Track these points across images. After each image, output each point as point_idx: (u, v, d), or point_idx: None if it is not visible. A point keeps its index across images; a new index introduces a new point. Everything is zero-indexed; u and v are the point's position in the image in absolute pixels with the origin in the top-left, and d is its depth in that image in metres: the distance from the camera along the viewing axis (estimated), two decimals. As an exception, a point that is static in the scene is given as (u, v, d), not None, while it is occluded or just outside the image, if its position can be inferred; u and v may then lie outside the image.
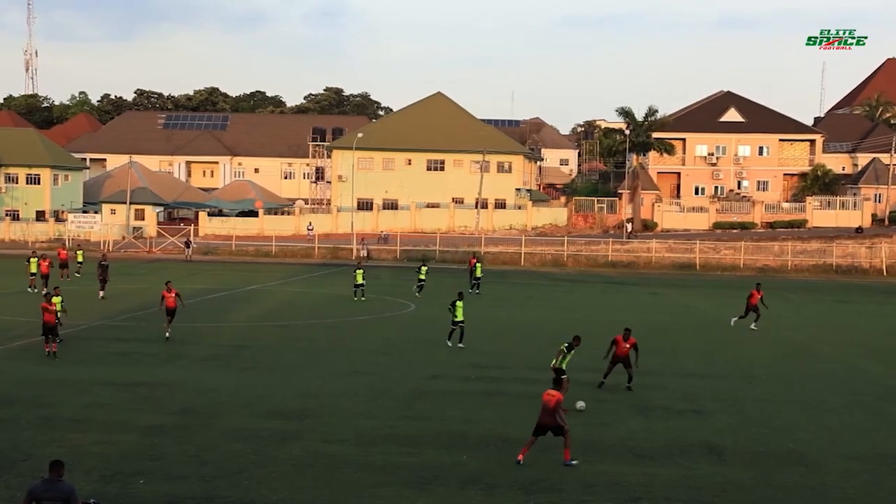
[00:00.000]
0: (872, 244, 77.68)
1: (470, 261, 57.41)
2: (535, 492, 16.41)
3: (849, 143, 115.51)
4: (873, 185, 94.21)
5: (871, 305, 52.77)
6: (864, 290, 61.83)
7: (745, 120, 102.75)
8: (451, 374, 27.40)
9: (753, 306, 39.04)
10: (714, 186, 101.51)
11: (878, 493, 17.07)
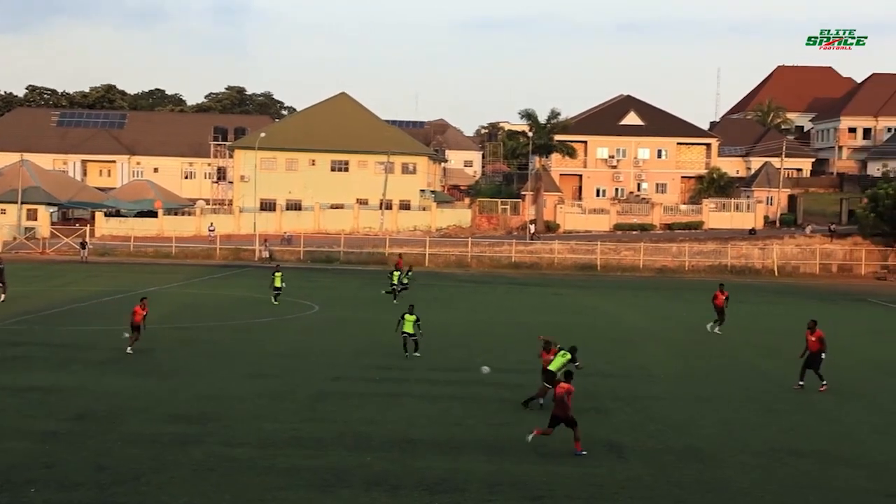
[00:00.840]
0: (765, 245, 79.89)
1: (398, 262, 57.03)
2: (439, 492, 16.44)
3: (742, 147, 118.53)
4: (765, 188, 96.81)
5: (763, 305, 54.25)
6: (757, 290, 63.55)
7: (644, 123, 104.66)
8: (354, 376, 27.28)
9: (720, 308, 38.80)
10: (615, 188, 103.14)
11: (770, 486, 17.58)
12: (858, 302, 57.30)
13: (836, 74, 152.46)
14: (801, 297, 59.11)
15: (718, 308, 39.03)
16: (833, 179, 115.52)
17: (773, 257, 78.08)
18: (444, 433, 20.64)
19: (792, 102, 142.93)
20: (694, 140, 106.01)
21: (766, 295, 60.83)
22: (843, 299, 58.11)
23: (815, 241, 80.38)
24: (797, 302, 55.31)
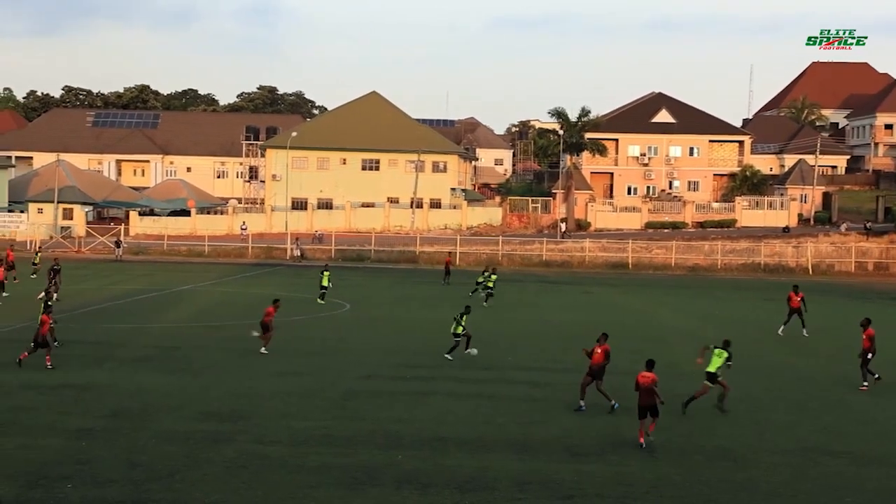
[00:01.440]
0: (799, 244, 79.29)
1: (446, 260, 60.37)
2: (469, 490, 16.47)
3: (776, 145, 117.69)
4: (799, 186, 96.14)
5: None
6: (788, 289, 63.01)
7: (675, 121, 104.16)
8: (384, 375, 27.36)
9: (796, 309, 38.35)
10: (646, 186, 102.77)
11: (802, 485, 17.46)
12: (895, 300, 56.73)
13: (872, 70, 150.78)
14: (836, 295, 58.57)
15: (794, 309, 38.32)
16: (869, 177, 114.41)
17: (808, 255, 77.45)
18: (473, 432, 20.67)
19: (826, 99, 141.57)
20: (726, 137, 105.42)
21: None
22: (880, 298, 57.53)
23: (851, 239, 79.68)
24: (832, 300, 54.80)
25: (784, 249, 79.17)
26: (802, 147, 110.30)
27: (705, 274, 73.72)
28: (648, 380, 20.24)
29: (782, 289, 61.75)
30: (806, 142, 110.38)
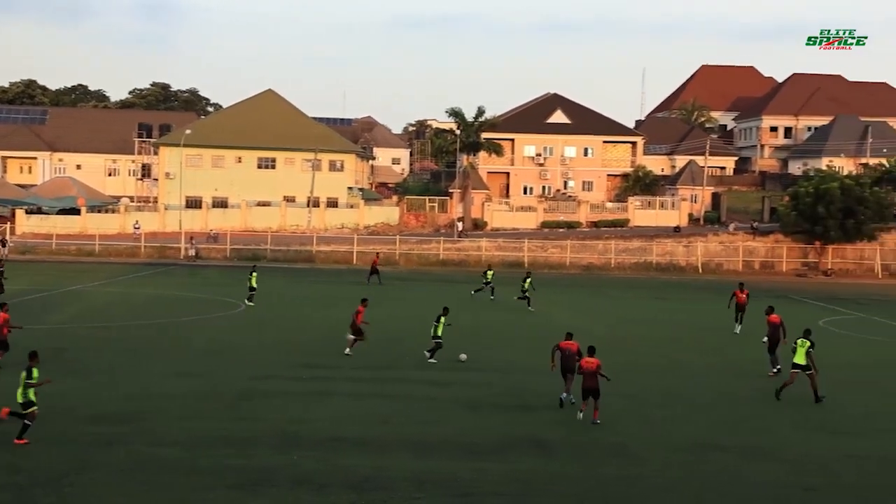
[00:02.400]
0: (689, 243, 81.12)
1: (374, 260, 60.74)
2: (366, 490, 16.43)
3: (667, 146, 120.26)
4: (689, 186, 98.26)
5: (688, 302, 55.19)
6: (682, 287, 64.58)
7: (570, 122, 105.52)
8: (281, 375, 27.10)
9: (742, 306, 39.61)
10: (542, 186, 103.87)
11: (692, 481, 17.88)
12: (780, 298, 58.50)
13: (758, 74, 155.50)
14: (724, 293, 60.12)
15: (740, 305, 39.80)
16: (755, 177, 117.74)
17: (698, 254, 79.37)
18: (371, 431, 20.62)
19: (715, 101, 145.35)
20: (620, 138, 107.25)
21: (690, 292, 61.83)
22: (766, 296, 59.25)
23: (738, 239, 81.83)
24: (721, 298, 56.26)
25: (675, 249, 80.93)
26: (692, 148, 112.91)
27: (599, 273, 74.95)
28: (593, 365, 21.87)
29: (673, 287, 63.31)
30: (696, 143, 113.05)
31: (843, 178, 78.87)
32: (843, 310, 52.36)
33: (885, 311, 51.69)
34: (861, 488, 17.88)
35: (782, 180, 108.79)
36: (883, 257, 79.03)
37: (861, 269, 79.02)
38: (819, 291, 62.44)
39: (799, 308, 53.65)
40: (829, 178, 78.07)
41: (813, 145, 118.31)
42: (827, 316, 48.15)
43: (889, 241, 79.91)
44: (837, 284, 71.06)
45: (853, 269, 79.03)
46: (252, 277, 45.53)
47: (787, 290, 64.02)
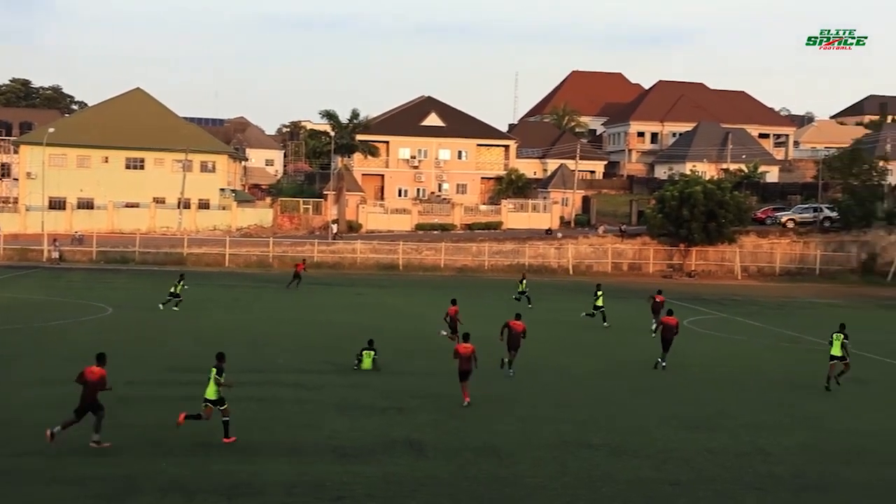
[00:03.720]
0: (560, 245, 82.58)
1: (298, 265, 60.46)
2: (237, 496, 16.19)
3: (539, 150, 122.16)
4: (561, 190, 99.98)
5: (560, 302, 56.15)
6: (553, 288, 65.68)
7: (445, 125, 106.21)
8: (149, 380, 26.48)
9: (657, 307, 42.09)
10: (416, 189, 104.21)
11: (563, 479, 18.20)
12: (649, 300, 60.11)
13: (625, 80, 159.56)
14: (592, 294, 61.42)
15: (656, 307, 42.39)
16: (624, 181, 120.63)
17: (569, 256, 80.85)
18: (242, 436, 20.30)
19: (585, 106, 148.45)
20: (493, 142, 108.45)
21: (561, 292, 62.94)
22: (633, 297, 60.81)
23: (608, 241, 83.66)
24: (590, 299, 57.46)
25: (547, 251, 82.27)
26: (564, 152, 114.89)
27: (473, 274, 75.62)
28: (469, 350, 24.34)
29: (546, 289, 64.32)
30: (567, 147, 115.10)
31: (706, 183, 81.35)
32: (706, 310, 54.14)
33: (744, 311, 53.66)
34: (722, 481, 18.50)
35: (649, 184, 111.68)
36: (742, 259, 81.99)
37: (722, 271, 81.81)
38: (683, 292, 64.36)
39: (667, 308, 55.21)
40: (693, 183, 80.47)
41: (677, 150, 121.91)
42: (691, 316, 49.67)
43: (747, 243, 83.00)
44: (701, 285, 73.42)
45: (715, 271, 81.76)
46: (178, 285, 44.91)
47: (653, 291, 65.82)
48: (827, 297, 66.03)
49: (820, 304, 61.37)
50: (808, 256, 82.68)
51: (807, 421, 24.60)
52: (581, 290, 63.93)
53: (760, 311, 52.78)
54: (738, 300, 61.37)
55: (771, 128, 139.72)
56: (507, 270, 77.82)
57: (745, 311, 53.99)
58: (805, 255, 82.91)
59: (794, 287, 73.39)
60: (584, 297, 54.66)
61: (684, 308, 54.02)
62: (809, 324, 48.07)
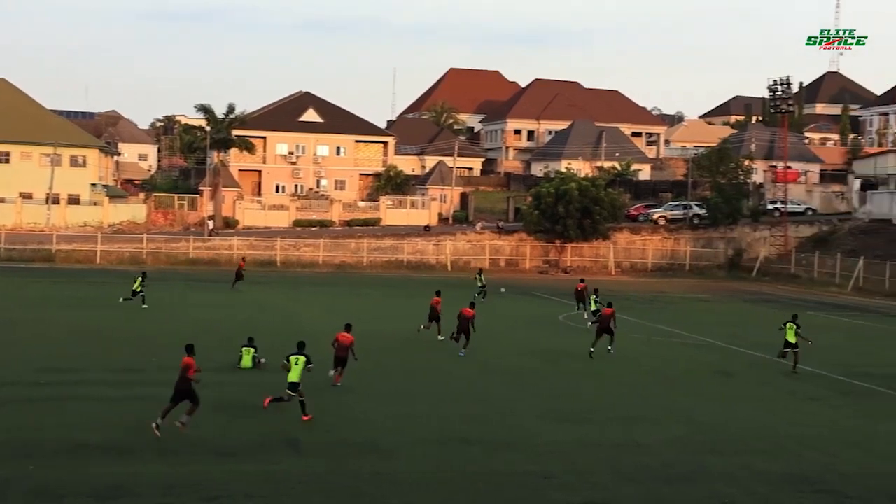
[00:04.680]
0: (438, 241, 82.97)
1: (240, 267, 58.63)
2: (110, 498, 15.87)
3: (417, 146, 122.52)
4: (439, 186, 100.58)
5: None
6: (433, 285, 66.01)
7: (323, 121, 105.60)
8: (17, 381, 25.60)
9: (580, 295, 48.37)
10: (294, 185, 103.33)
11: (441, 474, 18.40)
12: (524, 295, 61.00)
13: (502, 78, 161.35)
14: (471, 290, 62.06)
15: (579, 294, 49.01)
16: (501, 178, 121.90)
17: (447, 253, 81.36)
18: (118, 436, 19.90)
19: (463, 104, 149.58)
20: (372, 138, 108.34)
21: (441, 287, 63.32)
22: (511, 293, 61.65)
23: (486, 238, 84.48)
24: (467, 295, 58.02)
25: (425, 247, 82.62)
26: (442, 149, 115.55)
27: (352, 271, 75.45)
28: (348, 340, 25.99)
29: (425, 285, 64.53)
30: (445, 144, 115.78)
31: (581, 180, 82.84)
32: (581, 305, 55.27)
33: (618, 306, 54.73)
34: (596, 473, 19.00)
35: (526, 181, 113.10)
36: (616, 255, 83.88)
37: (597, 267, 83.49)
38: (559, 288, 65.45)
39: (540, 304, 56.14)
40: (568, 180, 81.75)
41: (553, 148, 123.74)
42: (567, 311, 50.62)
43: (621, 239, 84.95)
44: (576, 281, 74.82)
45: (590, 267, 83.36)
46: (138, 281, 45.15)
47: (530, 286, 66.81)
48: (696, 291, 68.08)
49: (689, 298, 63.28)
50: (678, 252, 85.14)
51: (678, 413, 25.42)
52: (459, 285, 64.49)
53: (632, 306, 54.10)
54: (611, 296, 62.60)
55: (643, 126, 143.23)
56: (386, 267, 77.89)
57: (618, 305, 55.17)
58: (676, 251, 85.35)
59: (665, 282, 75.41)
60: (463, 292, 55.02)
61: (560, 304, 55.01)
62: (680, 318, 49.59)
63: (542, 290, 63.87)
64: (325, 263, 77.50)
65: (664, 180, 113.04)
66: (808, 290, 72.13)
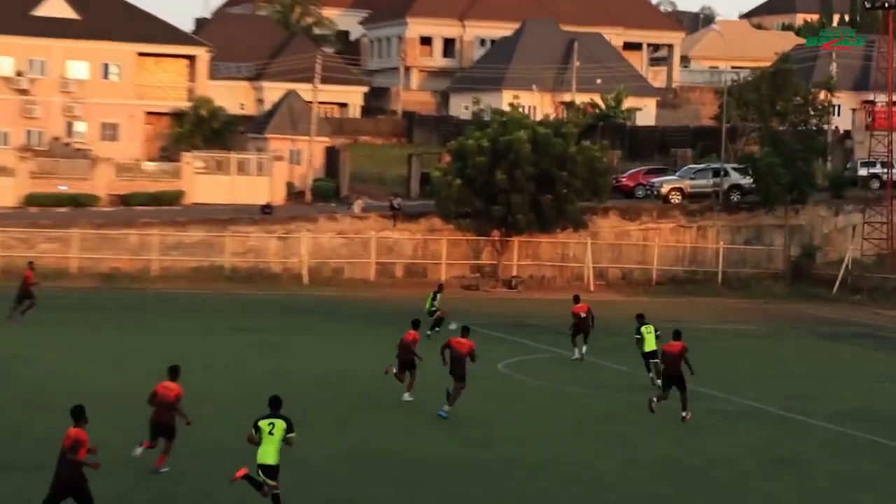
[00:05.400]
0: (288, 234, 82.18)
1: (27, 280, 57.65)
2: None
3: (250, 66, 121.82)
4: (289, 136, 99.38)
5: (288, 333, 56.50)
6: (278, 311, 65.95)
7: (79, 17, 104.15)
8: None
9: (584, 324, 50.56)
10: (26, 131, 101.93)
11: None
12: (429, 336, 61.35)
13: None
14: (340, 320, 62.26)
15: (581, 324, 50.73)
16: (397, 123, 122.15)
17: (302, 254, 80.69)
18: None
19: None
20: (168, 49, 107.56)
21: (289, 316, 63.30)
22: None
23: (371, 226, 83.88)
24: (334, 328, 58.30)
25: (264, 244, 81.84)
26: (294, 70, 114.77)
27: (132, 286, 74.49)
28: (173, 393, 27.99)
29: (263, 312, 64.48)
30: (299, 62, 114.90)
31: (536, 125, 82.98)
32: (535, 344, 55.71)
33: (603, 346, 55.07)
34: None
35: (440, 127, 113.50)
36: (596, 256, 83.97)
37: (564, 277, 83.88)
38: (500, 314, 65.78)
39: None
40: (515, 125, 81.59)
41: (488, 70, 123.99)
42: (510, 357, 51.04)
43: (605, 228, 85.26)
44: (528, 302, 75.30)
45: (552, 277, 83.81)
46: None
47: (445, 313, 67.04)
48: (736, 319, 69.18)
49: (725, 332, 64.31)
50: (705, 252, 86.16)
51: None
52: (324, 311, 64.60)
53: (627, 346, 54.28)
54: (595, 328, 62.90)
55: (645, 33, 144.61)
56: (193, 278, 77.22)
57: (605, 344, 55.47)
58: (701, 249, 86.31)
59: (682, 304, 75.72)
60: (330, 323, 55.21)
61: (500, 342, 55.40)
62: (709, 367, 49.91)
63: (471, 319, 64.27)
64: (84, 273, 76.73)
65: (680, 126, 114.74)
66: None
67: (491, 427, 36.03)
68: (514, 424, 36.43)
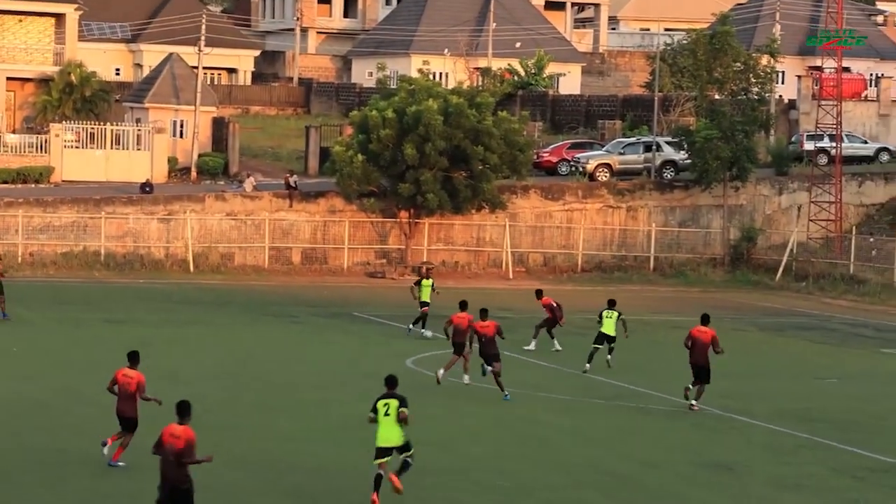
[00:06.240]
0: (171, 215, 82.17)
1: None
2: None
3: (126, 25, 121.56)
4: (171, 105, 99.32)
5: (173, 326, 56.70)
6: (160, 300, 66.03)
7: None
8: None
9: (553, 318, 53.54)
10: None
11: None
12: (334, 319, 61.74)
13: None
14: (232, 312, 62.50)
15: None
16: (293, 91, 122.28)
17: (187, 238, 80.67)
18: None
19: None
20: (32, 7, 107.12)
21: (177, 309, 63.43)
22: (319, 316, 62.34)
23: (263, 206, 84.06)
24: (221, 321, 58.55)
25: (144, 227, 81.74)
26: (176, 31, 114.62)
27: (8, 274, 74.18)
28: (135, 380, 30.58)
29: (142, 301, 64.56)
30: (181, 22, 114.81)
31: (448, 94, 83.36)
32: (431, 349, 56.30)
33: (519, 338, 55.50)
34: None
35: (341, 96, 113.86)
36: (515, 241, 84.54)
37: (480, 263, 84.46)
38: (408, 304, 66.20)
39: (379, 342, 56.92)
40: (424, 94, 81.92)
41: (394, 32, 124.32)
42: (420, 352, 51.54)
43: (525, 209, 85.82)
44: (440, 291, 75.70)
45: (467, 264, 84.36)
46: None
47: (348, 303, 67.49)
48: (669, 310, 69.95)
49: (656, 322, 65.16)
50: (635, 235, 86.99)
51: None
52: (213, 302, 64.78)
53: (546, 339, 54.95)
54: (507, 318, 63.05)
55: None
56: (63, 265, 77.02)
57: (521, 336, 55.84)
58: (631, 232, 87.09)
59: (609, 292, 75.53)
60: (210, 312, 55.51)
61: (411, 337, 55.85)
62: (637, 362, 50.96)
63: (368, 309, 64.72)
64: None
65: (608, 95, 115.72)
66: (886, 304, 74.69)
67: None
68: (424, 427, 36.60)
